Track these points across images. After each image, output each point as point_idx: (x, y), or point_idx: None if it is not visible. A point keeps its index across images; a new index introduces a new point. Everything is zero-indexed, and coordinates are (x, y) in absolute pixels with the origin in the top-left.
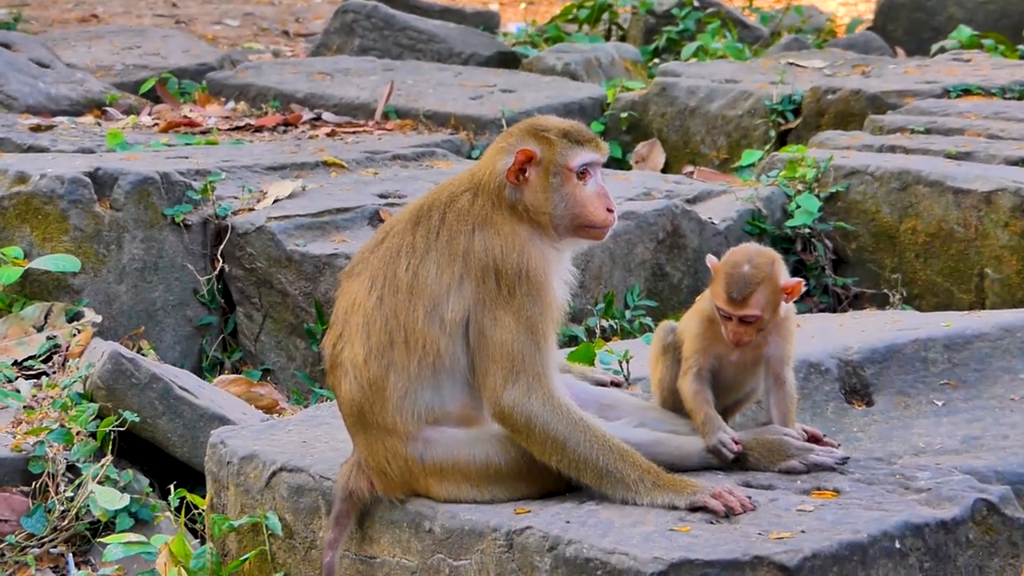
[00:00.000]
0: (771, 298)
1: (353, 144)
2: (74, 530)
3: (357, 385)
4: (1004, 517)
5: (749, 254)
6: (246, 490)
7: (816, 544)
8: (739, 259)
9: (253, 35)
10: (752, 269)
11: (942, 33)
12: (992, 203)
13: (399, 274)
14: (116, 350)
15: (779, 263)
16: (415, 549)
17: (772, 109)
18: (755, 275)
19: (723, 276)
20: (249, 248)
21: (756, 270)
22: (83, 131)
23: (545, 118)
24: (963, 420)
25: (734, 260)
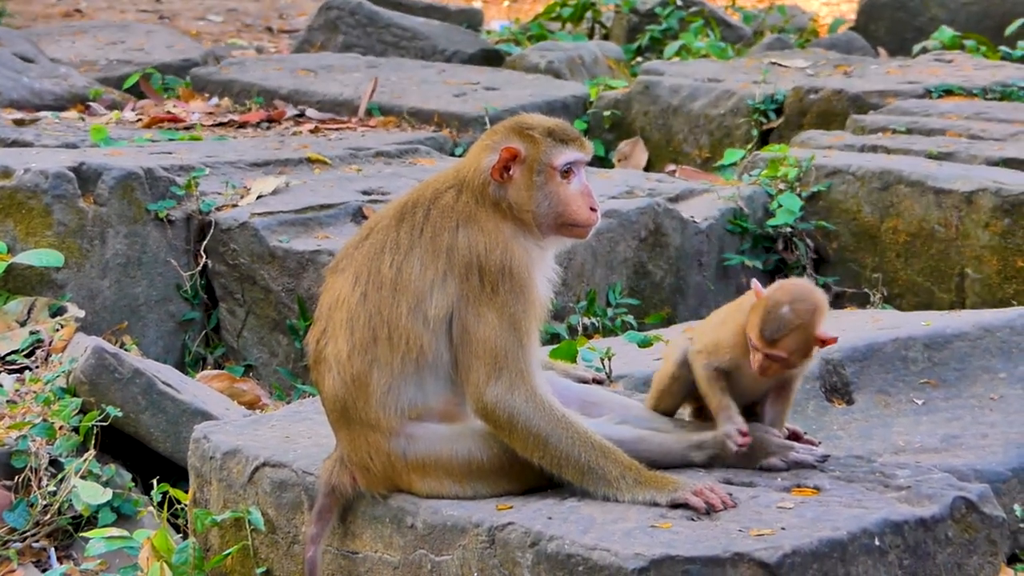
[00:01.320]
0: (802, 345)
1: (336, 141)
2: (56, 524)
3: (340, 381)
4: (983, 515)
5: (793, 295)
6: (229, 485)
7: (796, 541)
8: (782, 298)
9: (237, 31)
10: (791, 313)
11: (924, 33)
12: (973, 203)
13: (383, 270)
14: (99, 345)
15: (821, 312)
16: (397, 544)
17: (754, 108)
18: (792, 320)
19: (762, 310)
20: (232, 244)
21: (794, 315)
22: (67, 126)
23: (530, 116)
24: (943, 419)
25: (777, 298)
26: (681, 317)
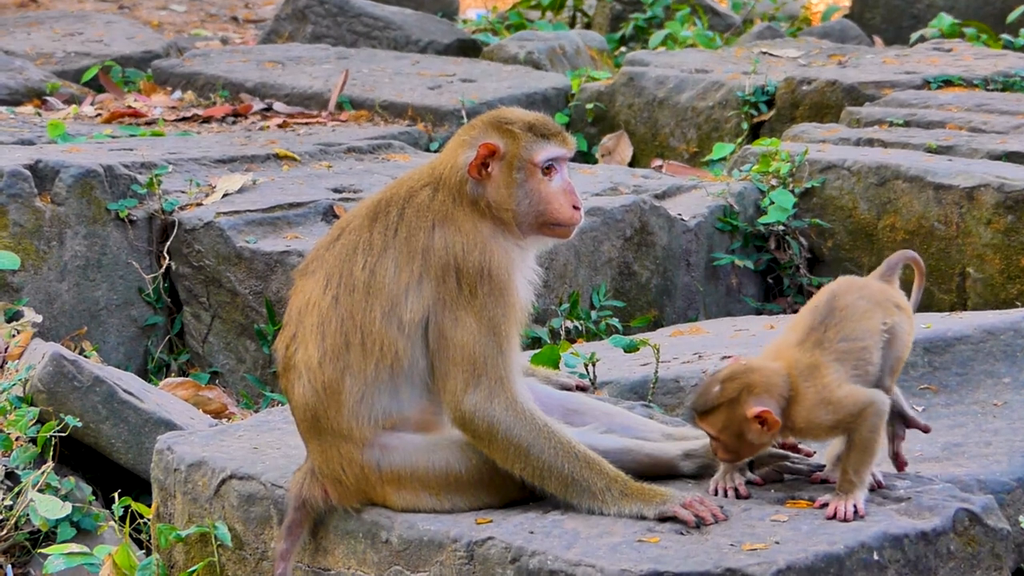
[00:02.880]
0: (730, 426)
1: (306, 136)
2: (13, 540)
3: (311, 389)
4: (986, 528)
5: (729, 371)
6: (194, 499)
7: (791, 556)
8: (720, 373)
9: (200, 21)
10: (719, 390)
11: (922, 21)
12: (974, 199)
13: (355, 272)
14: (57, 352)
15: (752, 390)
16: (371, 560)
17: (744, 100)
18: (716, 398)
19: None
20: (197, 245)
21: (721, 393)
22: (22, 121)
23: (510, 110)
24: (944, 426)
25: (717, 371)
26: (668, 319)
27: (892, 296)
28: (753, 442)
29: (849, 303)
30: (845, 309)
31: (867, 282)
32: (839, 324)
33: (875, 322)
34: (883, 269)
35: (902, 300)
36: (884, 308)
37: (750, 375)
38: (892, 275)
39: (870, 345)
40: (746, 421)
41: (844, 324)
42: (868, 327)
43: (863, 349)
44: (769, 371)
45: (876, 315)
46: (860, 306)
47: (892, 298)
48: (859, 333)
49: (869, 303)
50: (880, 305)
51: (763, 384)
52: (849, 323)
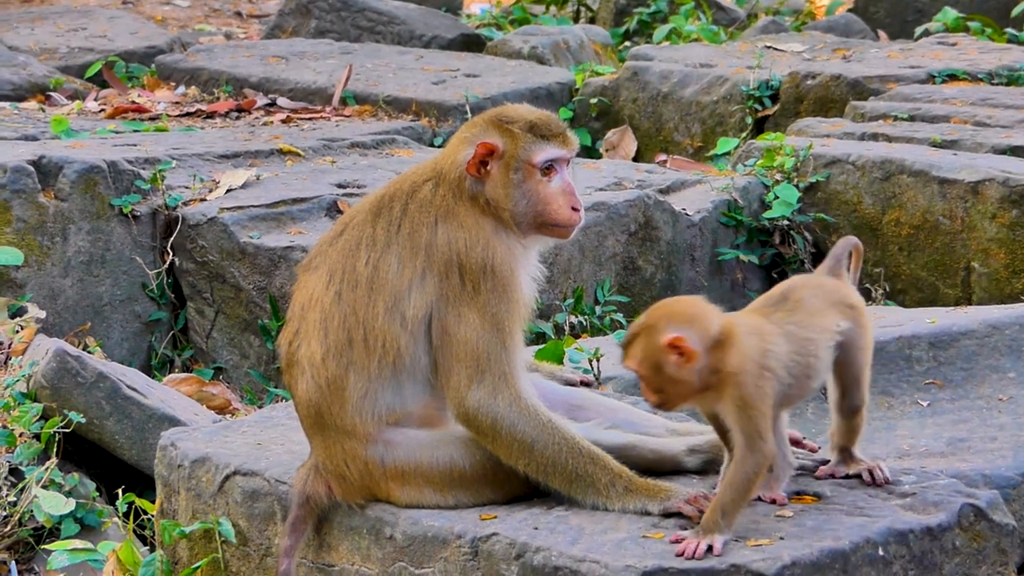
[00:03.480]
0: (648, 356)
1: (310, 131)
2: (17, 536)
3: (315, 385)
4: (992, 523)
5: (659, 303)
6: (198, 495)
7: (796, 551)
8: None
9: (204, 16)
10: (642, 319)
11: (926, 15)
12: (979, 194)
13: (359, 268)
14: (61, 347)
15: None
16: (375, 557)
17: (749, 95)
18: (637, 326)
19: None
20: (201, 240)
21: (643, 321)
22: (26, 117)
23: (513, 108)
24: (949, 421)
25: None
26: None
27: (846, 296)
28: (674, 377)
29: (803, 297)
30: (799, 302)
31: (822, 281)
32: (790, 312)
33: (827, 320)
34: (830, 263)
35: (855, 298)
36: (839, 309)
37: (675, 305)
38: (839, 266)
39: (817, 340)
40: (661, 350)
41: (795, 314)
42: (819, 323)
43: (808, 340)
44: (699, 306)
45: (829, 315)
46: (814, 303)
47: (846, 298)
48: (808, 325)
49: (824, 303)
50: (835, 306)
51: (687, 315)
52: (800, 314)
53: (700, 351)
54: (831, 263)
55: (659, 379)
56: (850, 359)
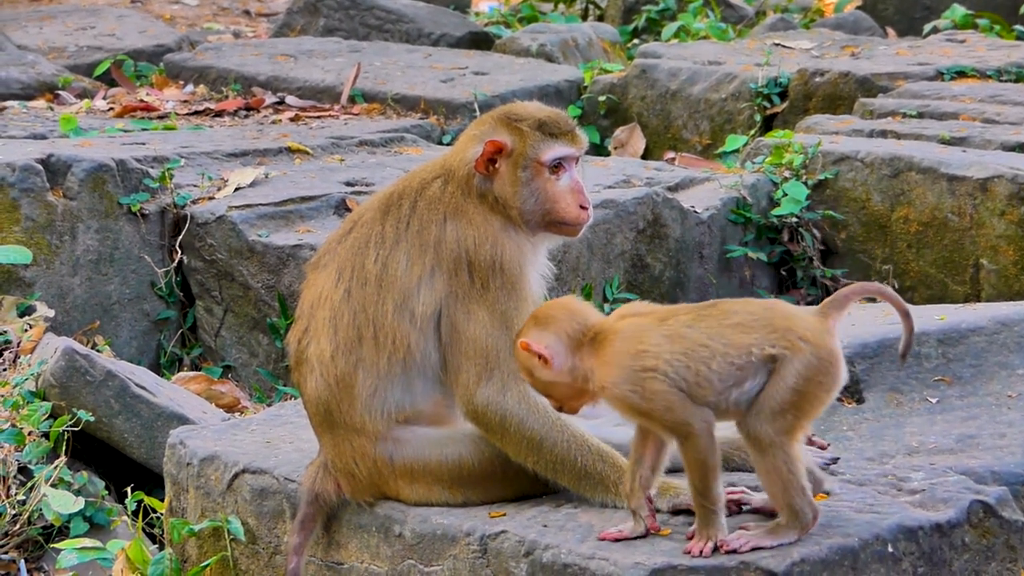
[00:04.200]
0: (520, 363)
1: (318, 129)
2: (26, 535)
3: (324, 382)
4: (1001, 519)
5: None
6: (207, 493)
7: (805, 548)
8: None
9: (213, 15)
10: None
11: (935, 12)
12: (988, 190)
13: (368, 266)
14: (70, 346)
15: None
16: (384, 555)
17: (757, 92)
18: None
19: None
20: (209, 239)
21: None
22: (35, 116)
23: (523, 106)
24: (958, 418)
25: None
26: None
27: (797, 328)
28: (546, 380)
29: (729, 309)
30: (723, 313)
31: (782, 307)
32: (703, 319)
33: (746, 339)
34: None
35: (813, 335)
36: (776, 337)
37: (542, 309)
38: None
39: (714, 349)
40: (522, 356)
41: (705, 320)
42: (732, 339)
43: (703, 347)
44: (563, 307)
45: (753, 335)
46: (739, 319)
47: (796, 328)
48: (714, 335)
49: (756, 324)
50: (772, 332)
51: (545, 318)
52: (711, 323)
53: (556, 354)
54: (829, 302)
55: (541, 385)
56: (772, 390)
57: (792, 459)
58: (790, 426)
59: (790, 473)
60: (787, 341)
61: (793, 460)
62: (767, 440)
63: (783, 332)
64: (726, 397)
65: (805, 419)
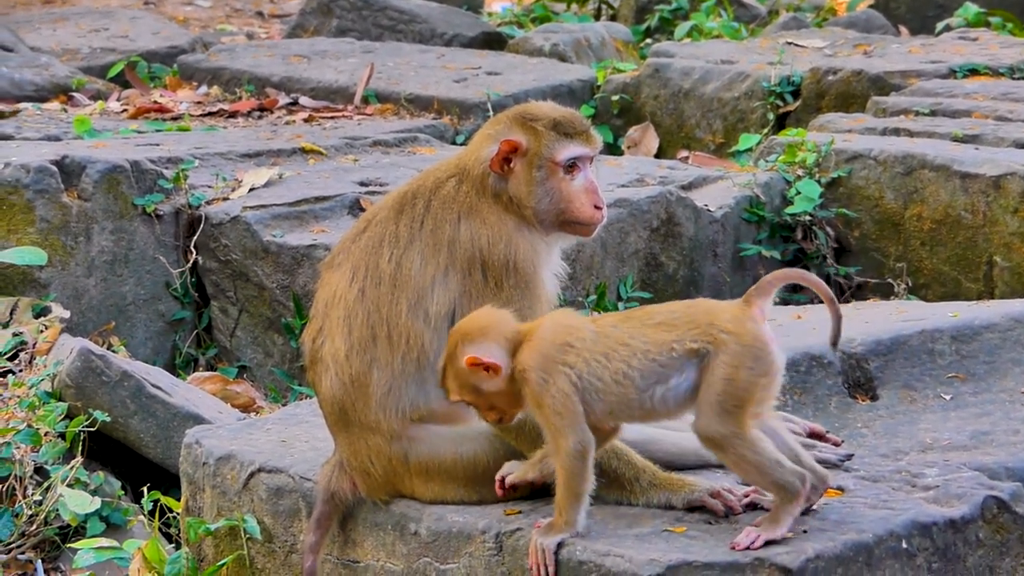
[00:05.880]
0: (463, 383)
1: (332, 130)
2: (43, 535)
3: (339, 381)
4: (1015, 515)
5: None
6: (223, 492)
7: (819, 545)
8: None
9: (226, 16)
10: (443, 354)
11: (947, 10)
12: (1001, 188)
13: (382, 265)
14: (85, 347)
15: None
16: (400, 552)
17: (770, 91)
18: (442, 359)
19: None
20: (224, 239)
21: (444, 353)
22: (49, 118)
23: (537, 105)
24: (972, 414)
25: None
26: None
27: (719, 321)
28: (493, 392)
29: (653, 311)
30: (646, 314)
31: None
32: (627, 320)
33: (667, 336)
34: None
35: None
36: (698, 331)
37: (466, 325)
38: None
39: (634, 348)
40: (468, 373)
41: (629, 322)
42: (652, 335)
43: (624, 346)
44: (488, 317)
45: (675, 332)
46: (661, 318)
47: (717, 322)
48: (635, 336)
49: (676, 319)
50: (695, 327)
51: (476, 329)
52: (634, 323)
53: (500, 360)
54: (753, 290)
55: (485, 399)
56: (707, 387)
57: (753, 444)
58: (737, 417)
59: (757, 456)
60: (709, 335)
61: (754, 444)
62: (720, 438)
63: (705, 327)
64: (651, 395)
65: (749, 406)
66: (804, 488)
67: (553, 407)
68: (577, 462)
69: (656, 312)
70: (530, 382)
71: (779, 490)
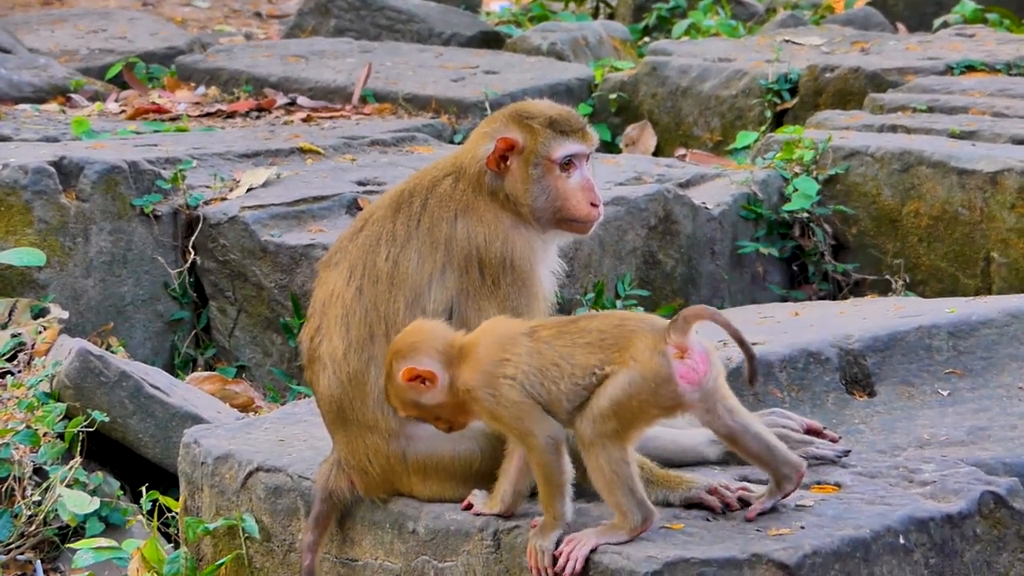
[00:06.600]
0: (405, 399)
1: (330, 129)
2: (42, 536)
3: (336, 380)
4: (1012, 510)
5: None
6: (221, 491)
7: (817, 541)
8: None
9: (224, 17)
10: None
11: (945, 7)
12: (998, 184)
13: (379, 263)
14: (84, 347)
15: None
16: (399, 551)
17: (768, 88)
18: (383, 380)
19: None
20: (222, 239)
21: (384, 372)
22: (47, 119)
23: (533, 103)
24: (969, 410)
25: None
26: None
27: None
28: (435, 404)
29: (585, 327)
30: (579, 331)
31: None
32: (562, 335)
33: (591, 360)
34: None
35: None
36: (617, 354)
37: (399, 341)
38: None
39: (564, 369)
40: (407, 388)
41: (563, 339)
42: (578, 357)
43: (555, 366)
44: (420, 331)
45: (598, 355)
46: (590, 338)
47: (631, 348)
48: (565, 356)
49: (602, 340)
50: (613, 348)
51: (408, 344)
52: (567, 341)
53: (437, 370)
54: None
55: (428, 411)
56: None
57: (616, 460)
58: (613, 431)
59: (613, 473)
60: (620, 360)
61: (617, 461)
62: (588, 439)
63: (620, 352)
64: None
65: (632, 428)
66: (642, 526)
67: (510, 416)
68: (552, 455)
69: (586, 330)
70: (479, 400)
71: (620, 514)
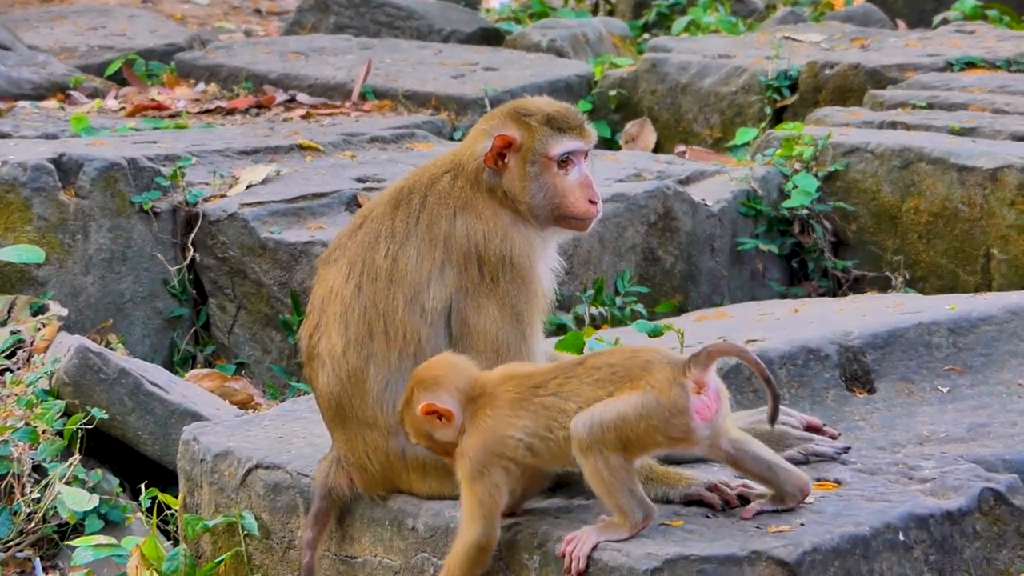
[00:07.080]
0: (418, 429)
1: (329, 126)
2: (41, 533)
3: (335, 377)
4: (1012, 507)
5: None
6: (220, 489)
7: (816, 537)
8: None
9: (223, 14)
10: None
11: (944, 4)
12: (998, 180)
13: (378, 260)
14: (83, 344)
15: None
16: (398, 548)
17: (767, 85)
18: (400, 403)
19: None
20: (221, 236)
21: (403, 398)
22: (46, 116)
23: (532, 101)
24: (969, 407)
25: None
26: (693, 304)
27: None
28: (443, 439)
29: (594, 364)
30: (587, 370)
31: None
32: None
33: (598, 393)
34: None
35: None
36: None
37: (423, 372)
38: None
39: (570, 414)
40: (423, 420)
41: (571, 383)
42: (586, 395)
43: (563, 413)
44: (446, 365)
45: (607, 388)
46: (600, 375)
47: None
48: (572, 398)
49: (613, 374)
50: (627, 379)
51: (432, 378)
52: (575, 384)
53: (456, 409)
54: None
55: (440, 446)
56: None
57: (615, 467)
58: (610, 442)
59: (612, 477)
60: (634, 386)
61: (616, 468)
62: (584, 444)
63: (632, 381)
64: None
65: (630, 447)
66: (643, 523)
67: (480, 496)
68: (477, 553)
69: (596, 367)
70: (465, 468)
71: (621, 513)
